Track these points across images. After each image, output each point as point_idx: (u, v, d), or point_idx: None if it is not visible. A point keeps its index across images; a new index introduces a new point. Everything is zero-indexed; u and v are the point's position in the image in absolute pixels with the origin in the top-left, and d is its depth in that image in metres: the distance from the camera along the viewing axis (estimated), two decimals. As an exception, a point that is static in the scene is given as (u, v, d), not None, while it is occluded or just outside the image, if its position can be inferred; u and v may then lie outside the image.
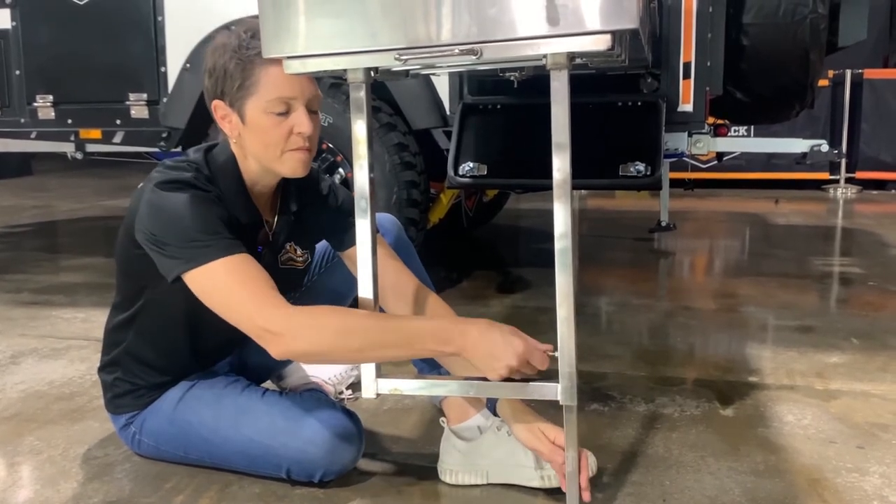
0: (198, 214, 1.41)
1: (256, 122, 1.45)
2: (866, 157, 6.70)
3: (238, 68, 1.43)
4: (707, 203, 6.29)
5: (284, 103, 1.45)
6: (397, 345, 1.36)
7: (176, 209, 1.41)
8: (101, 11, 3.18)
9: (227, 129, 1.50)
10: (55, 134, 3.38)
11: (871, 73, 6.65)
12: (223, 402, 1.61)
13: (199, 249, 1.39)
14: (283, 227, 1.67)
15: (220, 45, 1.46)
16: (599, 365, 2.42)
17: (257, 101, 1.44)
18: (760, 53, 2.68)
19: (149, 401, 1.68)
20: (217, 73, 1.45)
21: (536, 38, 1.21)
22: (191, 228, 1.40)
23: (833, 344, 2.58)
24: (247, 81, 1.43)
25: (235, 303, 1.38)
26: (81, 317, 3.05)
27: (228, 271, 1.38)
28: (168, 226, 1.41)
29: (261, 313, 1.35)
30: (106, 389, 1.74)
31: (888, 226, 5.01)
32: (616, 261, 4.15)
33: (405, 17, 1.25)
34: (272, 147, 1.47)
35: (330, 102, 2.91)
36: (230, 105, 1.47)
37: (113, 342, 1.70)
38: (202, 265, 1.39)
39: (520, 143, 2.66)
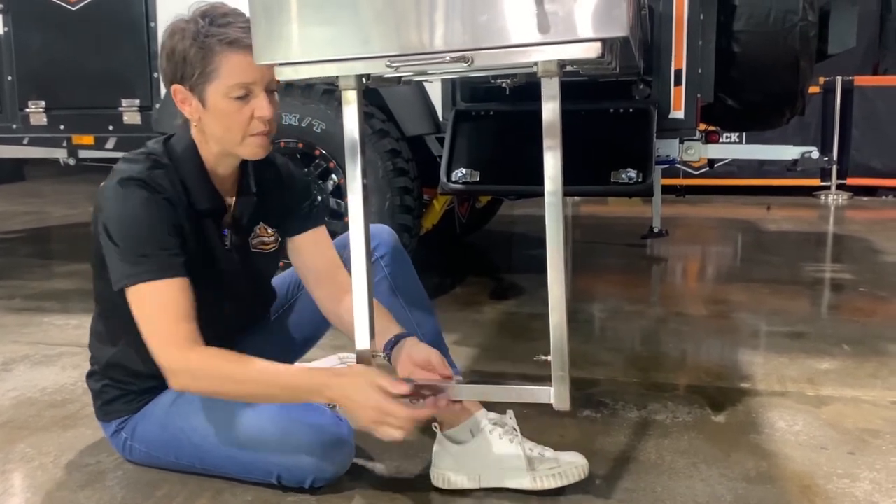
0: (146, 224, 1.45)
1: (217, 107, 1.48)
2: (857, 164, 6.73)
3: (199, 55, 1.44)
4: (699, 209, 6.31)
5: (245, 88, 1.47)
6: (280, 396, 1.50)
7: (127, 214, 1.46)
8: (94, 17, 3.18)
9: (187, 113, 1.52)
10: (47, 140, 3.38)
11: (862, 80, 6.69)
12: (214, 407, 1.61)
13: (135, 267, 1.45)
14: (245, 207, 1.67)
15: (178, 30, 1.47)
16: (592, 371, 2.42)
17: (218, 86, 1.46)
18: (751, 60, 2.70)
19: (140, 405, 1.68)
20: (176, 58, 1.46)
21: (527, 45, 1.21)
22: (136, 239, 1.45)
23: (824, 350, 2.59)
24: (207, 68, 1.45)
25: (148, 332, 1.47)
26: (74, 323, 3.03)
27: (150, 298, 1.45)
28: (119, 230, 1.46)
29: (163, 351, 1.45)
30: (95, 397, 1.74)
31: (879, 232, 5.04)
32: (609, 267, 4.16)
33: (397, 24, 1.26)
34: (233, 131, 1.50)
35: (323, 109, 2.92)
36: (190, 90, 1.49)
37: (98, 350, 1.70)
38: (133, 285, 1.45)
39: (512, 149, 2.67)
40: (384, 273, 1.86)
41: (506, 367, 2.48)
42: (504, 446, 1.60)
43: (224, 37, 1.43)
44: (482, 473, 1.61)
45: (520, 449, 1.61)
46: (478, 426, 1.63)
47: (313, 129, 2.91)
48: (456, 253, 4.52)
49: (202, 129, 1.54)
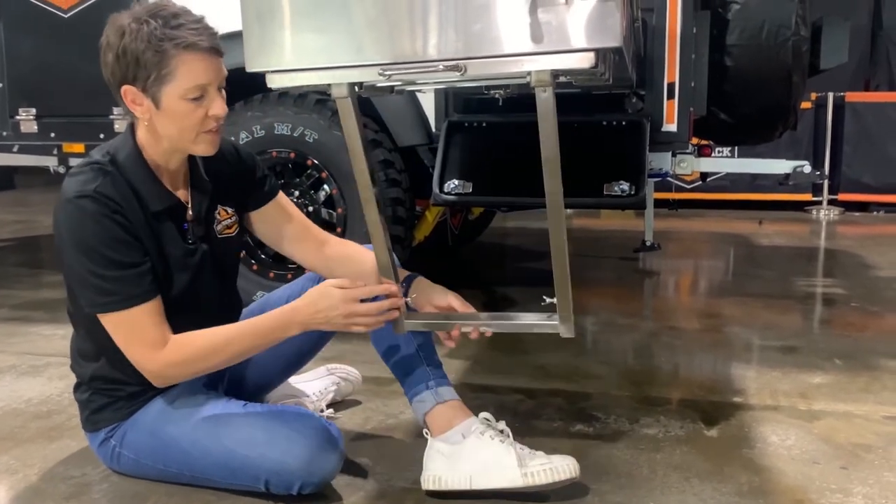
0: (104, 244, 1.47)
1: (172, 109, 1.48)
2: (849, 180, 6.75)
3: (154, 58, 1.43)
4: (691, 223, 6.32)
5: (200, 90, 1.48)
6: (254, 346, 1.56)
7: (83, 236, 1.47)
8: (87, 24, 3.17)
9: (137, 113, 1.52)
10: (38, 147, 3.36)
11: (853, 96, 6.73)
12: (204, 413, 1.60)
13: (102, 295, 1.49)
14: (202, 197, 1.67)
15: (129, 30, 1.45)
16: (584, 385, 2.41)
17: (174, 88, 1.46)
18: (744, 74, 2.71)
19: (128, 411, 1.66)
20: (128, 58, 1.45)
21: (520, 55, 1.21)
22: (98, 262, 1.47)
23: (816, 364, 2.59)
24: (163, 71, 1.44)
25: (124, 350, 1.54)
26: (61, 333, 3.00)
27: (122, 325, 1.51)
28: (78, 254, 1.48)
29: (142, 362, 1.54)
30: (83, 407, 1.72)
31: (870, 247, 5.05)
32: (601, 280, 4.16)
33: (390, 32, 1.25)
34: (188, 130, 1.51)
35: (315, 119, 2.91)
36: (143, 91, 1.47)
37: (81, 367, 1.68)
38: (106, 313, 1.51)
39: (505, 161, 2.66)
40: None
41: (498, 379, 2.47)
42: (495, 447, 1.61)
43: (181, 40, 1.43)
44: (473, 475, 1.60)
45: (511, 449, 1.61)
46: (469, 429, 1.63)
47: (305, 139, 2.90)
48: (448, 265, 4.51)
49: (152, 129, 1.54)
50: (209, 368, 1.58)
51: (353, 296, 1.51)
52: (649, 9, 2.59)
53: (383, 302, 1.55)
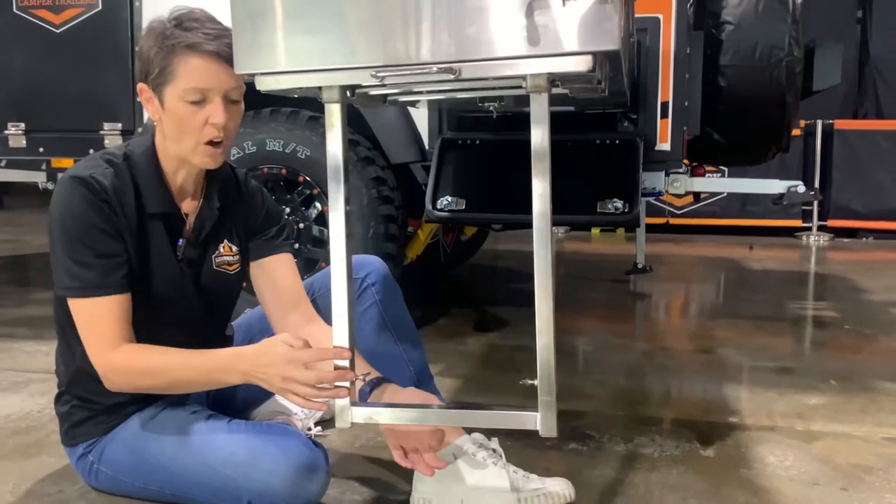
0: (85, 228, 1.45)
1: (173, 109, 1.47)
2: (838, 206, 6.78)
3: (159, 55, 1.44)
4: (682, 248, 6.32)
5: (200, 93, 1.46)
6: (196, 381, 1.49)
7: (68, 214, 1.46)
8: (78, 39, 3.16)
9: (150, 112, 1.52)
10: (26, 163, 3.32)
11: (842, 123, 6.78)
12: (186, 429, 1.54)
13: (73, 278, 1.46)
14: (205, 219, 1.63)
15: (148, 30, 1.48)
16: (577, 404, 2.36)
17: (174, 88, 1.46)
18: (737, 95, 2.71)
19: (108, 426, 1.60)
20: (143, 57, 1.48)
21: (517, 57, 1.18)
22: (75, 243, 1.45)
23: (812, 385, 2.56)
24: (166, 69, 1.45)
25: (83, 339, 1.49)
26: (45, 350, 2.95)
27: (85, 312, 1.47)
28: (60, 231, 1.46)
29: (93, 355, 1.48)
30: (63, 420, 1.66)
31: (861, 272, 5.04)
32: (593, 302, 4.13)
33: (383, 34, 1.22)
34: (187, 135, 1.49)
35: (307, 135, 2.89)
36: (152, 89, 1.49)
37: (64, 367, 1.64)
38: (70, 297, 1.47)
39: (498, 178, 2.64)
40: (374, 300, 1.82)
41: (490, 398, 2.43)
42: (488, 469, 1.56)
43: (184, 40, 1.43)
44: (465, 497, 1.56)
45: (504, 472, 1.56)
46: (461, 449, 1.58)
47: (297, 156, 2.87)
48: (440, 285, 4.48)
49: (162, 130, 1.53)
50: (152, 389, 1.53)
51: (297, 357, 1.35)
52: (643, 29, 2.60)
53: (327, 372, 1.34)
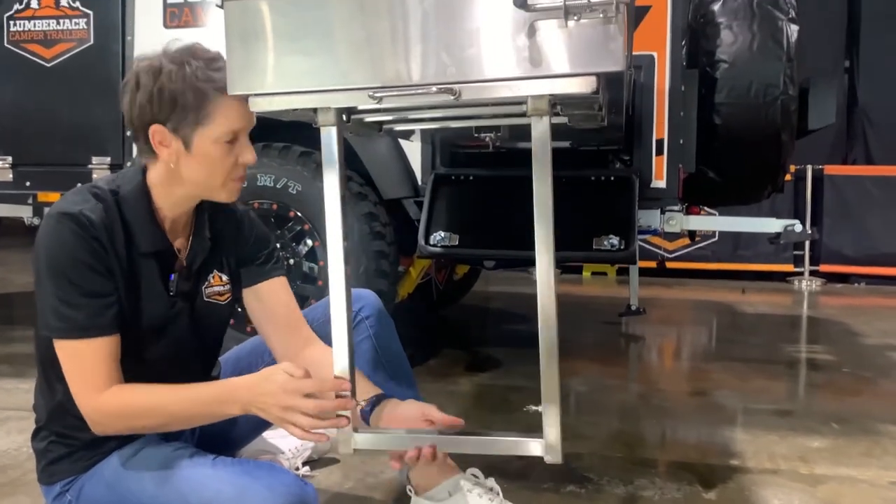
0: (73, 266, 1.39)
1: (205, 152, 1.43)
2: (830, 251, 6.78)
3: (195, 99, 1.38)
4: (674, 291, 6.28)
5: (234, 133, 1.44)
6: (192, 415, 1.44)
7: (56, 252, 1.39)
8: (69, 73, 3.13)
9: (162, 154, 1.44)
10: (11, 196, 3.27)
11: (831, 169, 6.81)
12: (168, 467, 1.47)
13: (60, 320, 1.39)
14: (197, 252, 1.59)
15: (167, 70, 1.39)
16: (574, 445, 2.30)
17: (209, 131, 1.41)
18: (733, 133, 2.70)
19: (87, 464, 1.53)
20: (165, 98, 1.40)
21: (518, 79, 1.15)
22: (64, 282, 1.38)
23: (813, 428, 2.50)
24: (201, 112, 1.40)
25: (69, 381, 1.42)
26: (25, 388, 2.86)
27: (73, 354, 1.40)
28: (48, 269, 1.40)
29: (79, 399, 1.41)
30: (40, 457, 1.58)
31: (855, 316, 5.01)
32: (587, 343, 4.07)
33: (381, 55, 1.20)
34: (217, 175, 1.46)
35: (299, 170, 2.86)
36: (173, 131, 1.42)
37: (43, 402, 1.56)
38: (56, 339, 1.40)
39: (492, 214, 2.61)
40: (369, 334, 1.79)
41: (483, 439, 2.35)
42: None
43: (219, 82, 1.38)
44: (459, 534, 1.49)
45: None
46: (456, 486, 1.53)
47: (288, 191, 2.84)
48: (431, 325, 4.41)
49: (173, 173, 1.46)
50: (146, 429, 1.47)
51: (297, 387, 1.33)
52: (638, 66, 2.59)
53: (327, 402, 1.34)
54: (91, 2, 3.10)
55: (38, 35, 3.16)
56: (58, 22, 3.13)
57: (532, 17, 1.13)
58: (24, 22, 3.17)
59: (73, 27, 3.12)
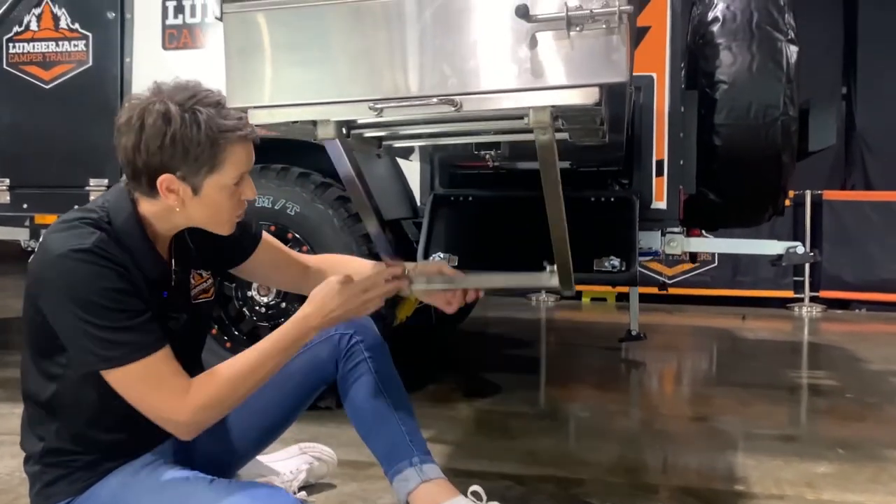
0: (110, 295, 1.36)
1: (213, 197, 1.45)
2: (829, 277, 6.75)
3: (211, 150, 1.39)
4: (673, 317, 6.24)
5: (241, 176, 1.48)
6: (277, 364, 1.49)
7: (87, 287, 1.35)
8: (68, 95, 3.12)
9: (169, 200, 1.44)
10: (8, 219, 3.24)
11: (830, 194, 6.81)
12: (165, 487, 1.44)
13: (113, 348, 1.36)
14: (184, 264, 1.61)
15: (178, 118, 1.38)
16: (575, 471, 2.25)
17: (220, 178, 1.43)
18: (733, 154, 2.68)
19: (85, 485, 1.50)
20: (177, 148, 1.38)
21: (520, 90, 1.14)
22: (108, 317, 1.36)
23: (819, 454, 2.45)
24: (215, 160, 1.41)
25: (146, 408, 1.41)
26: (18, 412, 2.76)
27: (140, 377, 1.38)
28: (86, 308, 1.35)
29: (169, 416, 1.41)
30: (35, 481, 1.54)
31: (857, 343, 4.97)
32: (587, 369, 4.03)
33: (381, 67, 1.18)
34: (223, 215, 1.50)
35: (298, 192, 2.84)
36: (182, 179, 1.42)
37: (34, 436, 1.53)
38: (117, 367, 1.37)
39: (491, 235, 2.59)
40: (364, 358, 1.75)
41: (484, 465, 2.30)
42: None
43: (233, 132, 1.40)
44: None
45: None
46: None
47: (287, 212, 2.82)
48: (429, 350, 4.37)
49: (182, 212, 1.47)
50: (239, 399, 1.47)
51: (356, 291, 1.52)
52: (637, 87, 2.59)
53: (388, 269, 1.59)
54: (90, 24, 3.10)
55: (37, 57, 3.16)
56: (57, 44, 3.13)
57: (534, 28, 1.11)
58: (24, 44, 3.16)
59: (71, 49, 3.11)
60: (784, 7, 2.74)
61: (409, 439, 1.68)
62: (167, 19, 3.01)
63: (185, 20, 2.99)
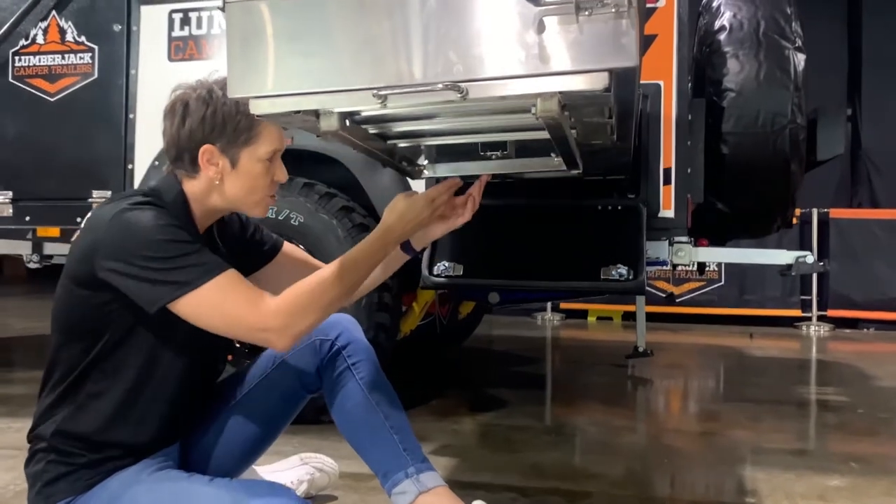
0: (177, 233, 1.43)
1: (248, 169, 1.54)
2: (837, 296, 6.69)
3: (246, 122, 1.50)
4: (680, 336, 6.19)
5: (274, 153, 1.56)
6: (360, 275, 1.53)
7: (149, 223, 1.41)
8: (73, 108, 3.12)
9: (209, 172, 1.53)
10: (10, 231, 3.22)
11: (837, 212, 6.77)
12: (164, 486, 1.41)
13: (185, 271, 1.39)
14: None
15: (217, 96, 1.51)
16: (583, 484, 2.21)
17: (255, 150, 1.53)
18: (741, 163, 2.66)
19: (87, 484, 1.47)
20: (217, 120, 1.51)
21: (527, 76, 1.11)
22: (170, 246, 1.40)
23: (831, 467, 2.40)
24: (252, 133, 1.52)
25: (232, 321, 1.42)
26: (16, 427, 2.79)
27: (218, 291, 1.41)
28: (143, 240, 1.40)
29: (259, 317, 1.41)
30: (35, 480, 1.51)
31: (866, 360, 4.91)
32: (594, 385, 3.98)
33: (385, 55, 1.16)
34: (256, 191, 1.57)
35: (302, 202, 2.82)
36: (222, 151, 1.52)
37: (46, 420, 1.51)
38: (191, 290, 1.39)
39: (497, 244, 2.55)
40: (347, 365, 1.67)
41: (487, 477, 2.26)
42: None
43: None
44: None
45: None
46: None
47: (290, 222, 2.79)
48: (433, 366, 4.32)
49: (220, 187, 1.55)
50: (323, 309, 1.47)
51: (434, 196, 1.61)
52: (644, 95, 2.57)
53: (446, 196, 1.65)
54: (96, 37, 3.10)
55: (43, 70, 3.16)
56: (62, 57, 3.13)
57: (542, 13, 1.09)
58: (30, 57, 3.16)
59: (77, 61, 3.11)
60: (791, 16, 2.73)
61: (402, 448, 1.61)
62: (173, 31, 3.01)
63: (192, 32, 2.99)
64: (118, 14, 3.06)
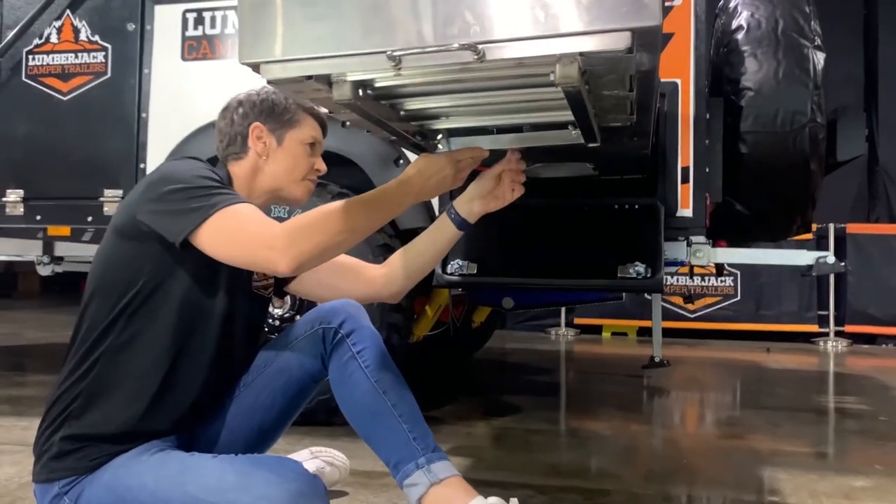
0: (207, 173, 1.54)
1: (292, 148, 1.70)
2: (855, 311, 6.59)
3: (291, 107, 1.71)
4: (697, 351, 6.11)
5: (314, 141, 1.73)
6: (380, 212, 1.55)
7: (186, 167, 1.54)
8: (85, 107, 3.11)
9: (257, 147, 1.68)
10: (21, 231, 3.21)
11: (854, 227, 6.69)
12: (167, 462, 1.39)
13: (210, 198, 1.47)
14: None
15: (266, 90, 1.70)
16: (601, 482, 2.15)
17: (298, 133, 1.71)
18: (759, 163, 2.60)
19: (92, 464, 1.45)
20: (267, 104, 1.70)
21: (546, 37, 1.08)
22: (200, 180, 1.50)
23: (856, 469, 2.33)
24: (296, 116, 1.71)
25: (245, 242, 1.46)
26: (22, 425, 2.76)
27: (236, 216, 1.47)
28: (177, 178, 1.49)
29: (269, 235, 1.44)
30: (42, 454, 1.49)
31: (886, 373, 4.82)
32: (611, 394, 3.90)
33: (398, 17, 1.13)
34: (297, 171, 1.71)
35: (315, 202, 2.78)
36: (270, 130, 1.69)
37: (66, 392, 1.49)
38: (213, 214, 1.45)
39: (511, 242, 2.51)
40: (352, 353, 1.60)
41: (503, 476, 2.20)
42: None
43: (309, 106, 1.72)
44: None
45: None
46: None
47: (302, 221, 2.76)
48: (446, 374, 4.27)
49: (264, 164, 1.69)
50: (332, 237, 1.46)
51: (457, 155, 1.60)
52: (662, 94, 2.53)
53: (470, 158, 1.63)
54: (110, 35, 3.10)
55: (56, 69, 3.16)
56: (76, 55, 3.13)
57: (561, -29, 1.06)
58: (43, 56, 3.17)
59: (91, 60, 3.11)
60: (810, 14, 2.69)
61: (412, 437, 1.54)
62: (187, 30, 3.00)
63: (205, 31, 2.98)
64: (132, 13, 3.06)
